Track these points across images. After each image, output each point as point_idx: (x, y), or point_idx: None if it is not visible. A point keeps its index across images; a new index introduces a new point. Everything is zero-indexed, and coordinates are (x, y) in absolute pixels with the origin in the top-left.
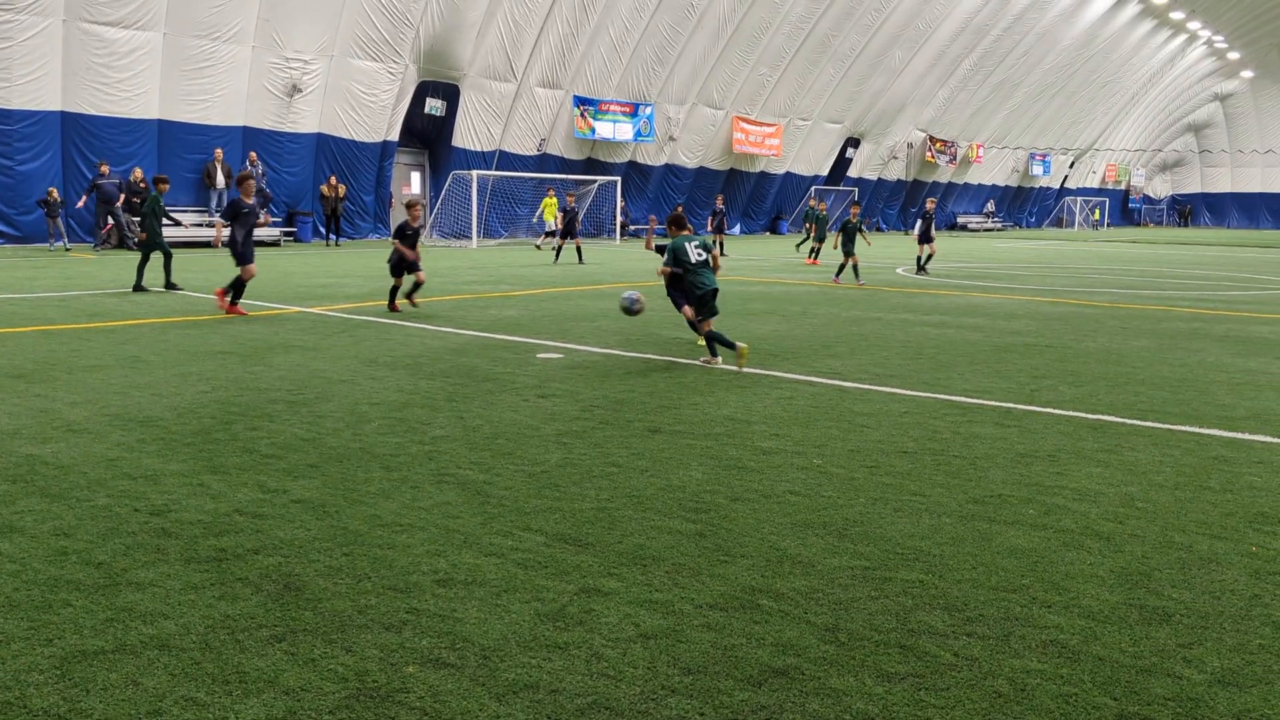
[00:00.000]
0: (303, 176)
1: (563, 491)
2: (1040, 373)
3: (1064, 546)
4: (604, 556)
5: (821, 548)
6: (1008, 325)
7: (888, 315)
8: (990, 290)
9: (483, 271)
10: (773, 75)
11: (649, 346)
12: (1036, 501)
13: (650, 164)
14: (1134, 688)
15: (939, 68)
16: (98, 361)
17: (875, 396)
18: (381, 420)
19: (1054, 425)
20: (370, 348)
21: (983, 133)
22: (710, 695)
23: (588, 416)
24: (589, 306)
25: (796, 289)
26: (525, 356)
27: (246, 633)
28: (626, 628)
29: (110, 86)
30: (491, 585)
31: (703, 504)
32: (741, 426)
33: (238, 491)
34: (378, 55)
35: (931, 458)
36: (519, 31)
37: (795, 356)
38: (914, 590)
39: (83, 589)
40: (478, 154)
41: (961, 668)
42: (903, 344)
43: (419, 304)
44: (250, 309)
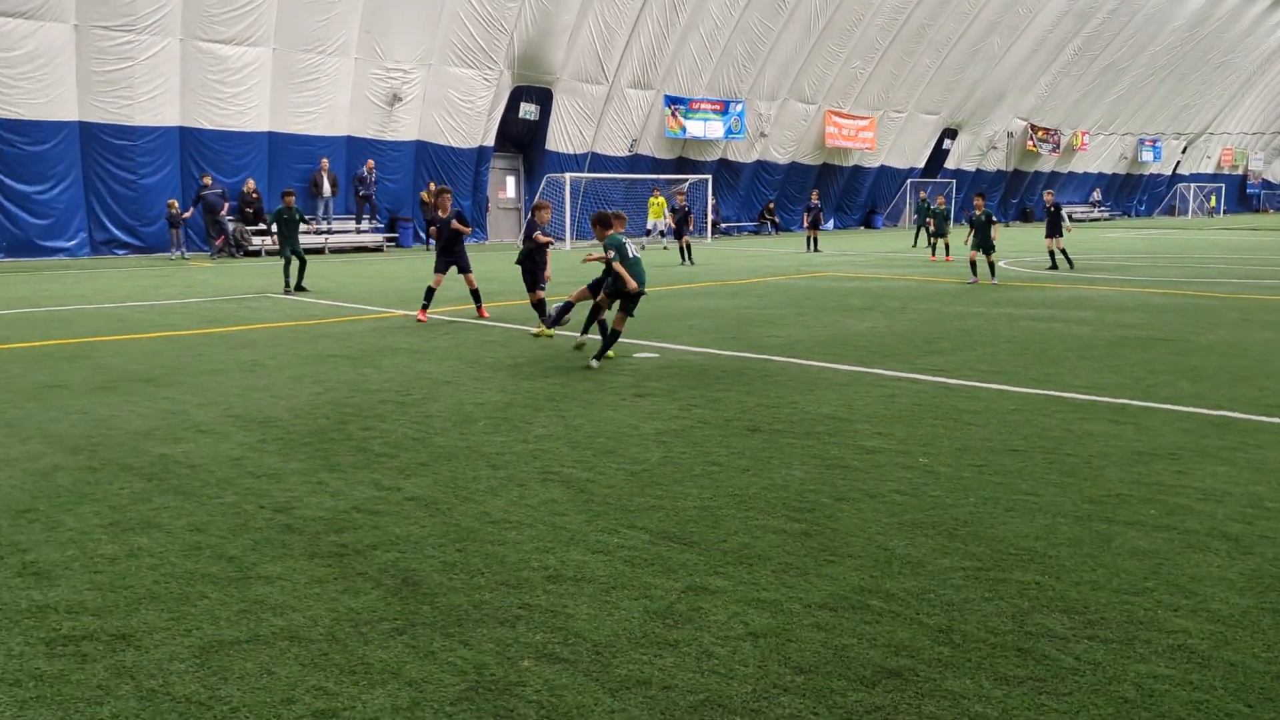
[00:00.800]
0: (403, 183)
1: (665, 490)
2: (1156, 367)
3: (1189, 548)
4: (709, 555)
5: (931, 548)
6: (1119, 318)
7: (991, 310)
8: (1099, 282)
9: (576, 273)
10: (866, 68)
11: (744, 345)
12: (1158, 501)
13: (741, 161)
14: (1270, 694)
15: (1041, 54)
16: (219, 365)
17: (982, 394)
18: (487, 420)
19: (1173, 422)
20: (472, 350)
21: (1088, 119)
22: (823, 695)
23: (686, 415)
24: (683, 306)
25: (895, 284)
26: (622, 356)
27: (369, 625)
28: (735, 626)
29: (224, 101)
30: (600, 582)
31: (806, 503)
32: (843, 425)
33: (354, 489)
34: (474, 62)
35: (1043, 456)
36: (610, 33)
37: (896, 353)
38: (1030, 592)
39: (217, 582)
40: (570, 156)
41: (1084, 672)
42: (1008, 339)
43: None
44: (358, 313)
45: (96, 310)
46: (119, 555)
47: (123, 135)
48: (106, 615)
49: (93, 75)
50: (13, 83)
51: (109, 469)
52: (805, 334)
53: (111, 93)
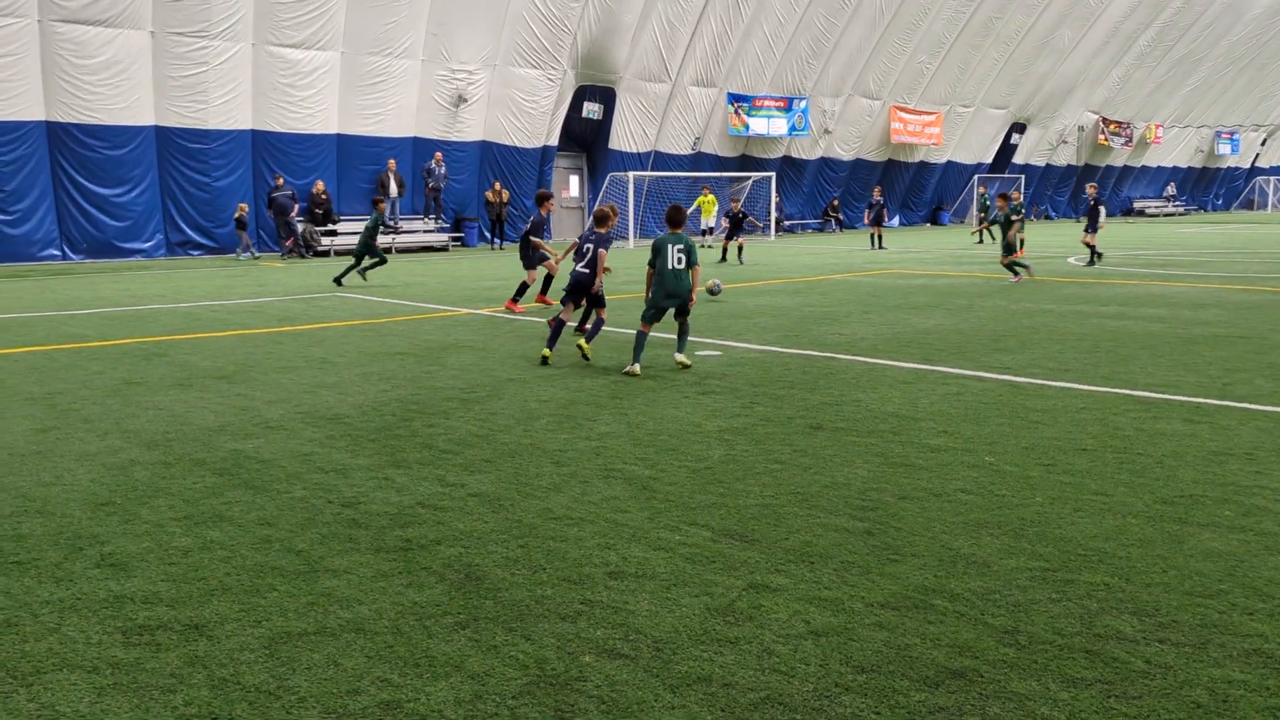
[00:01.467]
0: (468, 183)
1: (727, 488)
2: (1233, 365)
3: (1266, 550)
4: (771, 553)
5: (997, 548)
6: (1194, 315)
7: (1060, 307)
8: (1173, 278)
9: (641, 271)
10: (932, 62)
11: (807, 343)
12: (1233, 502)
13: (805, 158)
14: None
15: (1112, 45)
16: (289, 363)
17: (1049, 392)
18: (550, 417)
19: (1250, 421)
20: (535, 347)
21: (1162, 112)
22: (885, 695)
23: (748, 413)
24: (746, 304)
25: (961, 281)
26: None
27: (433, 619)
28: (797, 624)
29: (294, 105)
30: (661, 579)
31: (869, 502)
32: (907, 423)
33: (419, 485)
34: (538, 63)
35: (1113, 455)
36: (673, 32)
37: (962, 351)
38: (1099, 593)
39: (285, 575)
40: (633, 155)
41: (1155, 675)
42: (1078, 336)
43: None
44: (423, 311)
45: (172, 309)
46: (192, 548)
47: (197, 139)
48: (180, 606)
49: (168, 80)
50: (92, 89)
51: (183, 464)
52: (869, 331)
53: (186, 97)
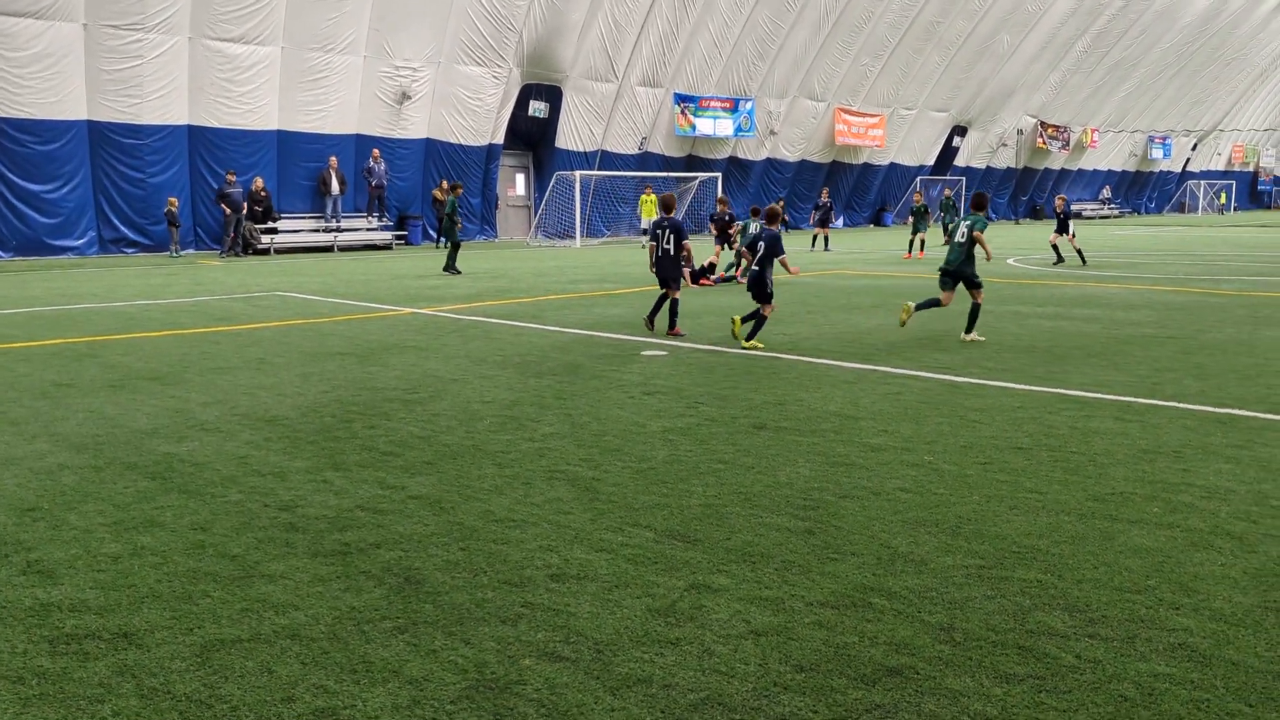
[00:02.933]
0: (412, 181)
1: (670, 488)
2: (1163, 365)
3: (1192, 546)
4: (713, 553)
5: (934, 546)
6: (1127, 316)
7: (999, 307)
8: (1107, 280)
9: (587, 270)
10: (875, 65)
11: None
12: (1161, 499)
13: (751, 159)
14: (1271, 694)
15: (1050, 51)
16: (226, 363)
17: (987, 391)
18: (493, 418)
19: (1178, 420)
20: (479, 347)
21: (1098, 116)
22: (823, 693)
23: (693, 413)
24: (693, 304)
25: (903, 282)
26: (630, 354)
27: (371, 624)
28: (737, 624)
29: (233, 100)
30: (603, 580)
31: (811, 501)
32: (849, 423)
33: (359, 488)
34: (483, 60)
35: (1048, 454)
36: (619, 31)
37: (903, 351)
38: (1032, 590)
39: (219, 580)
40: (580, 154)
41: (1084, 670)
42: (1015, 337)
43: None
44: (365, 311)
45: (105, 309)
46: (122, 554)
47: (131, 134)
48: (109, 614)
49: (101, 74)
50: (22, 82)
51: (114, 468)
52: (813, 331)
53: (120, 92)
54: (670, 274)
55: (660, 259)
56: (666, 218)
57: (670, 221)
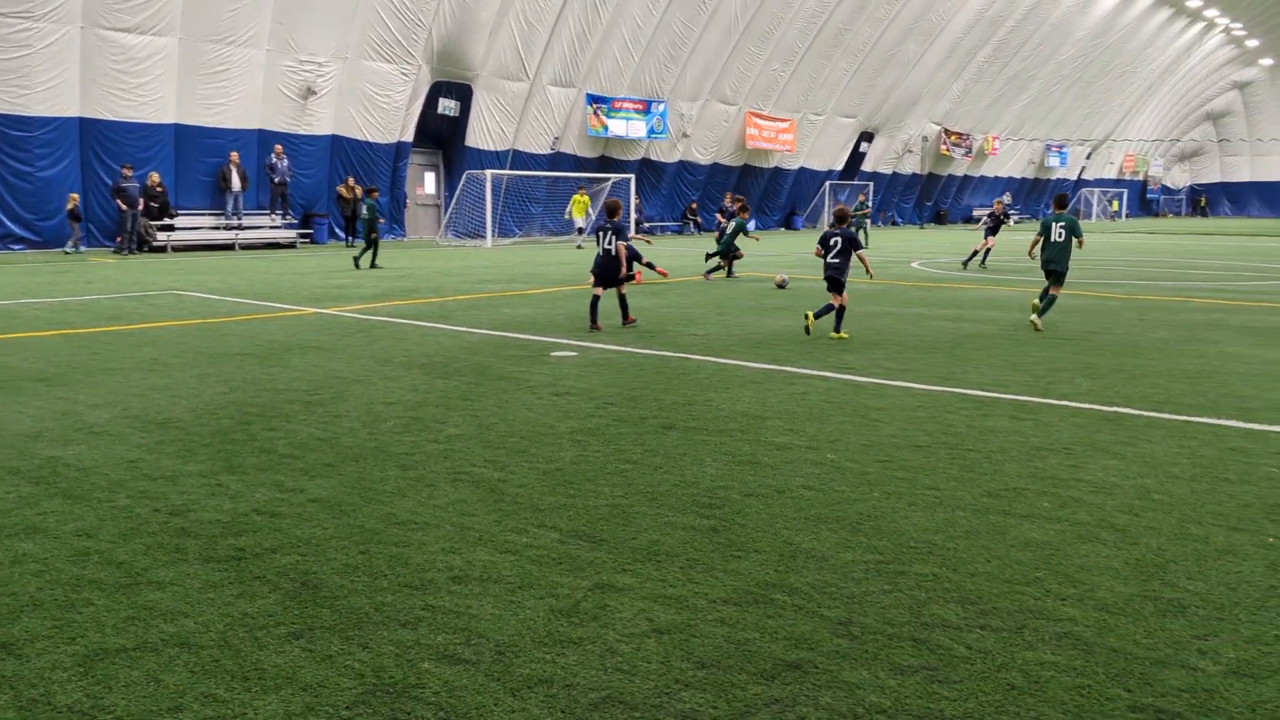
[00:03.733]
0: (318, 178)
1: (577, 489)
2: (1056, 365)
3: (1079, 539)
4: (618, 553)
5: (835, 542)
6: (1023, 318)
7: (902, 310)
8: (1005, 283)
9: (497, 270)
10: (785, 70)
11: (663, 344)
12: (1052, 494)
13: (664, 161)
14: (1148, 679)
15: (953, 60)
16: (117, 364)
17: (889, 391)
18: (397, 420)
19: (1069, 418)
20: (385, 347)
21: (998, 125)
22: (723, 689)
23: (602, 414)
24: (604, 305)
25: (812, 284)
26: (539, 355)
27: (265, 630)
28: (640, 623)
29: (128, 92)
30: (506, 582)
31: (716, 500)
32: (755, 422)
33: (255, 491)
34: (391, 56)
35: (946, 451)
36: (531, 30)
37: (809, 352)
38: (928, 584)
39: (104, 588)
40: (491, 153)
41: (975, 660)
42: (917, 338)
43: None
44: (267, 311)
45: None
46: (2, 561)
47: (19, 126)
48: None
49: None
50: None
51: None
52: (723, 332)
53: (8, 82)
54: (609, 274)
55: (601, 260)
56: (610, 220)
57: (614, 224)
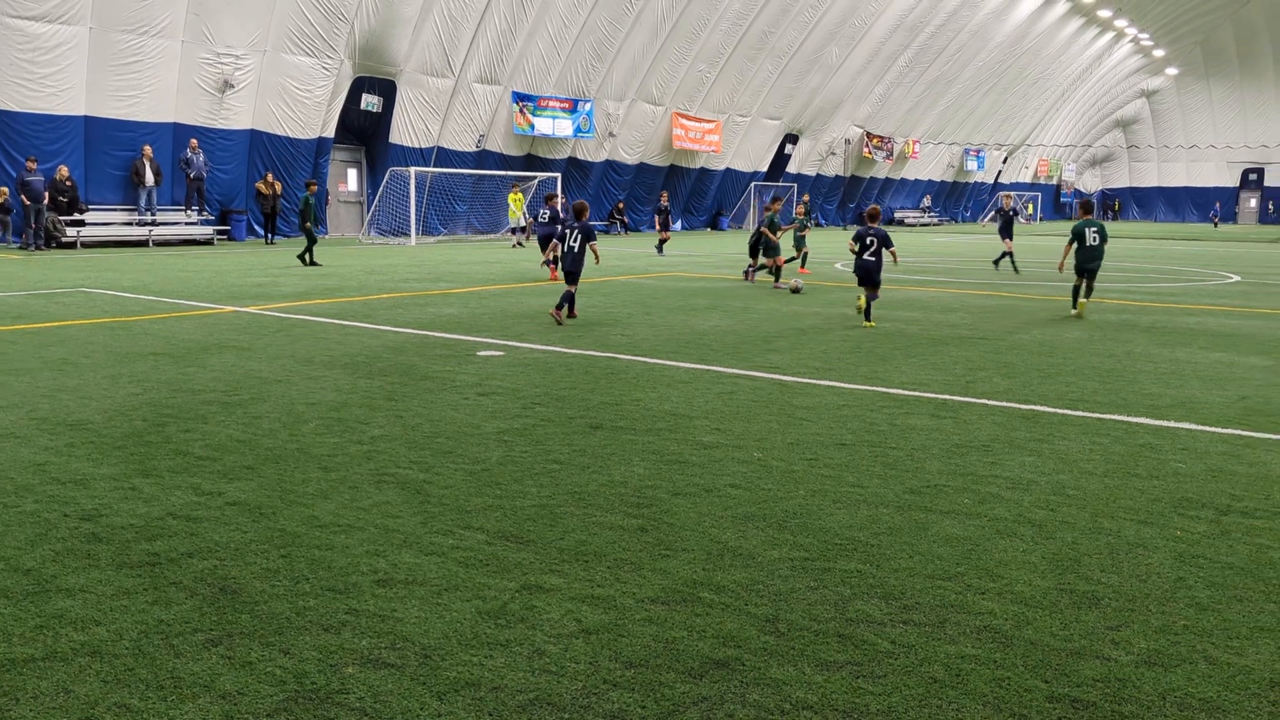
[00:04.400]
0: (236, 174)
1: (504, 489)
2: (975, 365)
3: (998, 534)
4: (545, 553)
5: (761, 540)
6: (944, 319)
7: (827, 310)
8: (927, 284)
9: (422, 269)
10: (711, 72)
11: (590, 344)
12: (971, 491)
13: (590, 160)
14: (1064, 670)
15: (875, 64)
16: (23, 365)
17: (815, 390)
18: (319, 420)
19: (988, 416)
20: (307, 347)
21: (919, 129)
22: (651, 688)
23: (529, 414)
24: (531, 303)
25: (738, 285)
26: (466, 354)
27: (181, 637)
28: (568, 624)
29: (35, 82)
30: (432, 584)
31: (644, 499)
32: (683, 421)
33: (171, 495)
34: (312, 50)
35: (869, 449)
36: (456, 27)
37: (736, 351)
38: (852, 580)
39: (11, 596)
40: (415, 150)
41: (898, 655)
42: (842, 338)
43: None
44: (183, 309)
45: None
46: None
47: None
48: None
49: None
50: None
51: None
52: (650, 333)
53: None
54: (575, 270)
55: (567, 255)
56: (578, 221)
57: (581, 225)
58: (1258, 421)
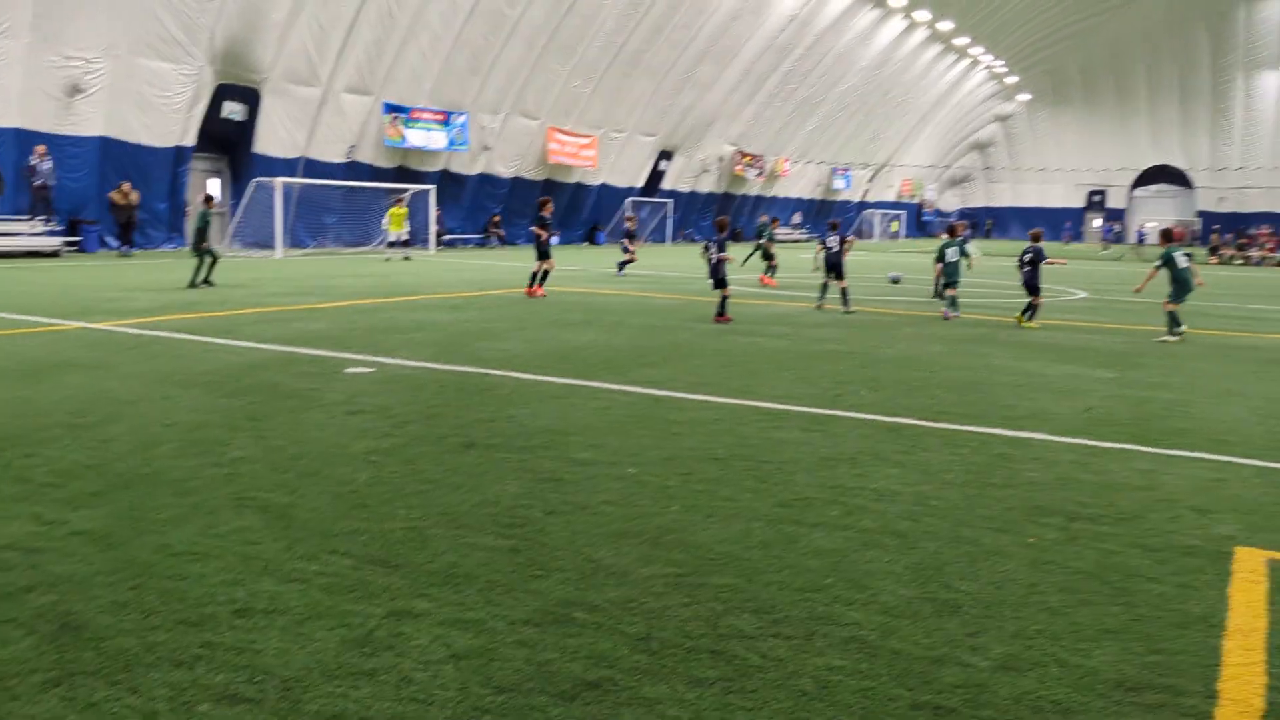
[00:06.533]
0: (86, 182)
1: (372, 511)
2: (843, 378)
3: (864, 545)
4: (414, 577)
5: (636, 557)
6: (814, 334)
7: (699, 325)
8: (797, 300)
9: (289, 283)
10: (587, 87)
11: (464, 359)
12: (839, 503)
13: (465, 173)
14: (926, 678)
15: (746, 84)
16: None
17: (689, 405)
18: (175, 443)
19: (855, 429)
20: (164, 365)
21: (789, 148)
22: (524, 713)
23: (399, 433)
24: (402, 319)
25: (613, 299)
26: (333, 371)
27: (18, 678)
28: (437, 649)
29: None
30: (294, 613)
31: (517, 518)
32: (558, 438)
33: (9, 525)
34: (169, 56)
35: (742, 463)
36: (324, 35)
37: (612, 366)
38: (725, 595)
39: None
40: (282, 161)
41: (769, 669)
42: (715, 352)
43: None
44: (25, 325)
45: None
46: None
47: None
48: None
49: None
50: None
51: None
52: (525, 348)
53: None
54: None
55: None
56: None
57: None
58: (1102, 431)
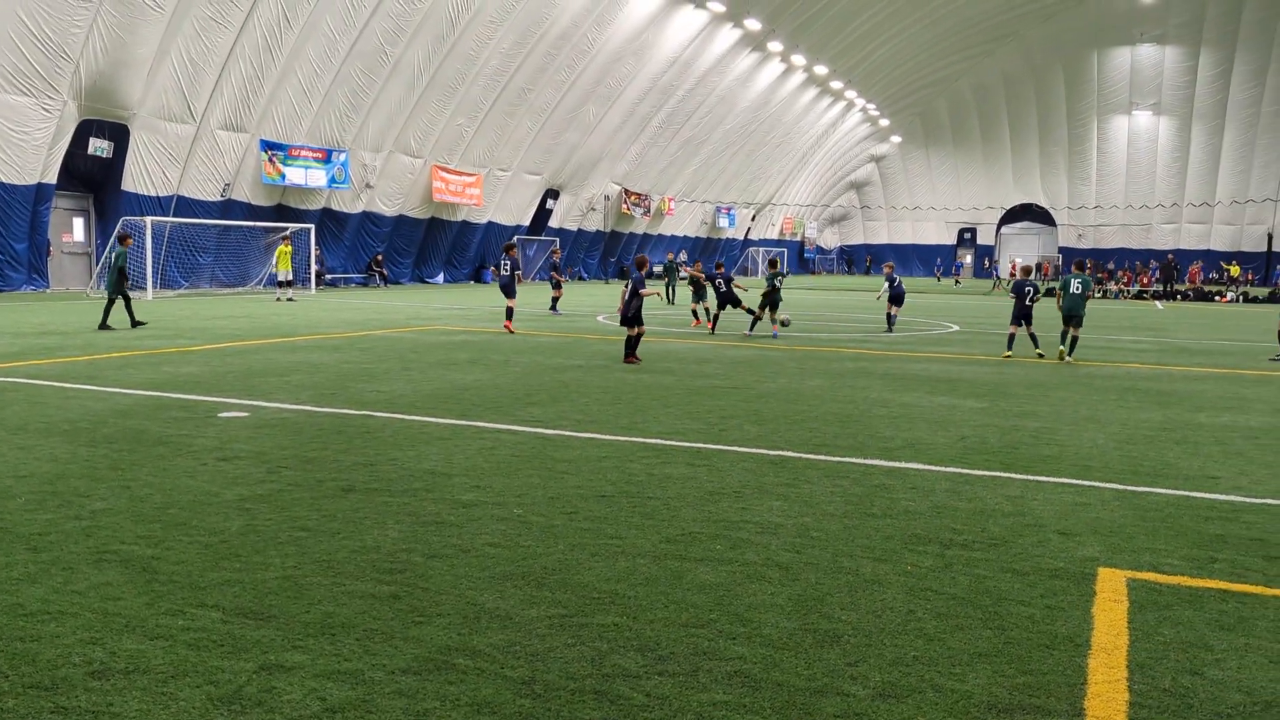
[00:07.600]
0: None
1: (244, 561)
2: (727, 413)
3: (748, 579)
4: (288, 629)
5: (520, 599)
6: (699, 369)
7: (588, 363)
8: (682, 337)
9: (158, 325)
10: (471, 125)
11: (344, 402)
12: (724, 537)
13: (347, 211)
14: (808, 709)
15: (630, 124)
16: None
17: (575, 443)
18: (29, 495)
19: (740, 463)
20: (18, 413)
21: (674, 186)
22: None
23: (275, 479)
24: (280, 361)
25: (500, 338)
26: (205, 416)
27: None
28: (311, 703)
29: None
30: (157, 672)
31: (398, 564)
32: (442, 480)
33: None
34: (29, 89)
35: (628, 500)
36: (196, 71)
37: (498, 406)
38: (609, 634)
39: None
40: (152, 199)
41: (653, 707)
42: (601, 390)
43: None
44: None
45: None
46: None
47: None
48: None
49: None
50: None
51: None
52: (409, 388)
53: None
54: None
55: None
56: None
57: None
58: (975, 460)
